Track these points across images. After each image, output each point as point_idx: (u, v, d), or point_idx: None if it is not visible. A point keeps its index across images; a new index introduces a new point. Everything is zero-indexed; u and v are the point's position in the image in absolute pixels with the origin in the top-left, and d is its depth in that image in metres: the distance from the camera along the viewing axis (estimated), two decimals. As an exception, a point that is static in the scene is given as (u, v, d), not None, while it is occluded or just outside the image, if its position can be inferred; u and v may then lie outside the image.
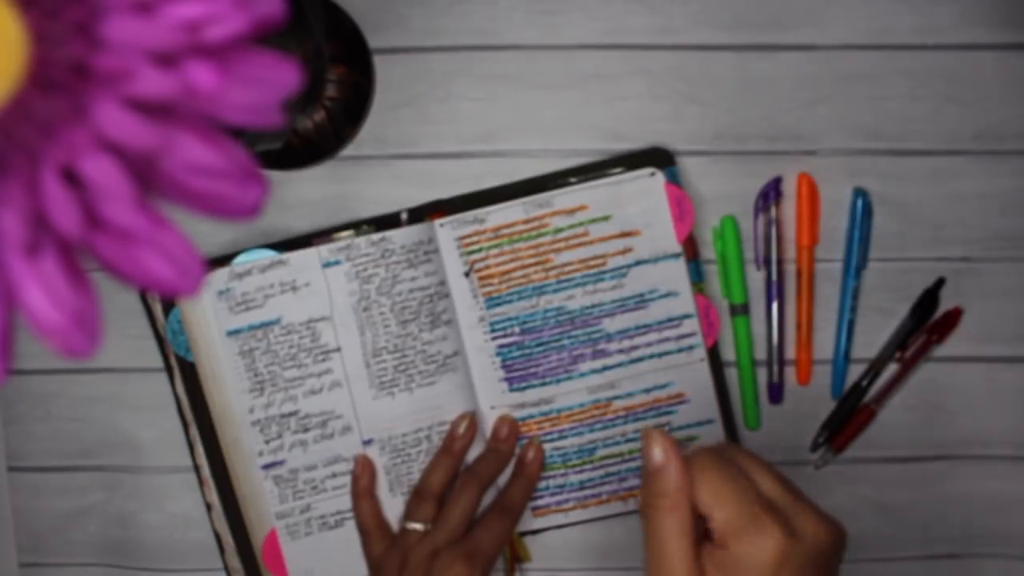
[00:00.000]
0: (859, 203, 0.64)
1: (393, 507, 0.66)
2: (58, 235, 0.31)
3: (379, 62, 0.65)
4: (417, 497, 0.64)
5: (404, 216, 0.65)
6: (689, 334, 0.65)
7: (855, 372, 0.66)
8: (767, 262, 0.65)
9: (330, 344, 0.65)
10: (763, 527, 0.47)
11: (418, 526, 0.62)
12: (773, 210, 0.65)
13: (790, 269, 0.66)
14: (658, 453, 0.48)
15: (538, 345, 0.65)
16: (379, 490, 0.66)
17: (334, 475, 0.65)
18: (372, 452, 0.65)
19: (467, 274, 0.64)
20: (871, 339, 0.66)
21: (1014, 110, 0.64)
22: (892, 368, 0.66)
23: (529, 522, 0.66)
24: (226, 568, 0.66)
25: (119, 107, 0.30)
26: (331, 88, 0.64)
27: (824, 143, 0.65)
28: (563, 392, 0.65)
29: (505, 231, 0.64)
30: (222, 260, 0.64)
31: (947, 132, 0.65)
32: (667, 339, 0.65)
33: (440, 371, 0.65)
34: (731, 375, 0.66)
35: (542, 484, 0.65)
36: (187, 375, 0.65)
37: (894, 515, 0.67)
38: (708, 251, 0.66)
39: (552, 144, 0.65)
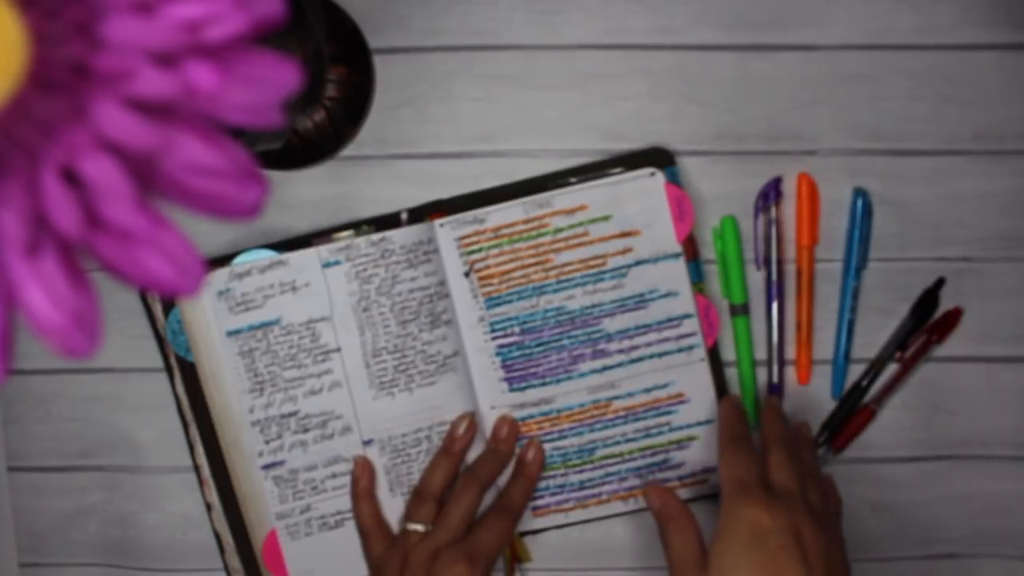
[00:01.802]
0: (859, 203, 0.64)
1: (393, 507, 0.66)
2: (58, 235, 0.31)
3: (379, 62, 0.65)
4: (417, 498, 0.64)
5: (404, 216, 0.65)
6: (689, 334, 0.65)
7: (855, 372, 0.66)
8: (767, 262, 0.65)
9: (330, 344, 0.65)
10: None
11: (419, 527, 0.62)
12: (773, 210, 0.65)
13: (790, 269, 0.66)
14: (654, 500, 0.62)
15: (538, 345, 0.65)
16: (379, 490, 0.66)
17: (334, 475, 0.65)
18: (372, 452, 0.65)
19: (467, 274, 0.64)
20: (871, 339, 0.66)
21: (1014, 110, 0.64)
22: (892, 368, 0.66)
23: (529, 522, 0.66)
24: (226, 568, 0.66)
25: (119, 107, 0.30)
26: (331, 88, 0.64)
27: (824, 143, 0.65)
28: (563, 392, 0.65)
29: (505, 231, 0.64)
30: (222, 260, 0.64)
31: (947, 132, 0.65)
32: (667, 339, 0.65)
33: (440, 371, 0.65)
34: (731, 375, 0.66)
35: (542, 484, 0.65)
36: (187, 375, 0.65)
37: (894, 515, 0.67)
38: (708, 251, 0.66)
39: (552, 144, 0.65)
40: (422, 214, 0.65)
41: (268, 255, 0.64)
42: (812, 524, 0.55)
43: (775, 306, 0.65)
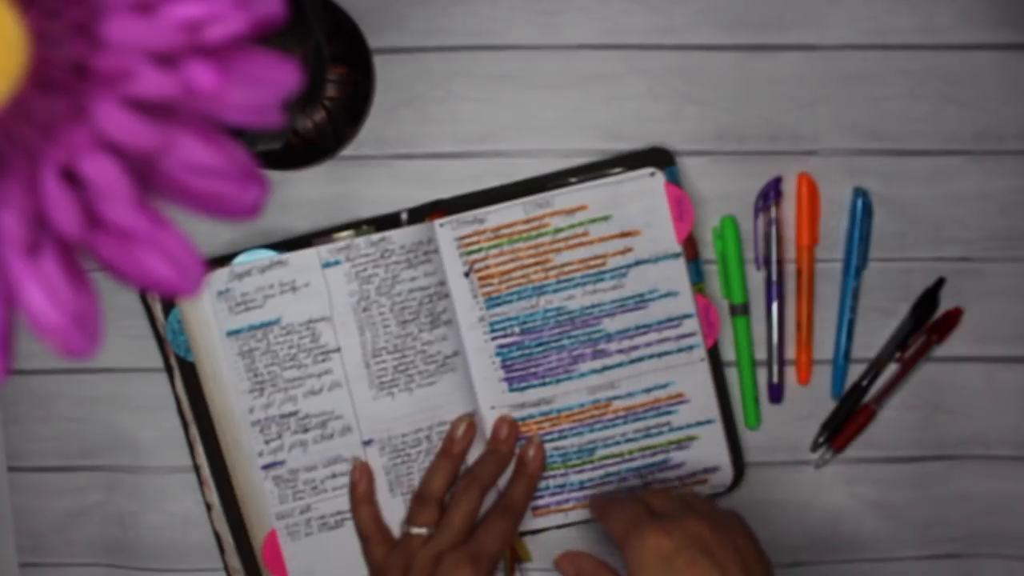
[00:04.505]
0: (859, 203, 0.64)
1: (393, 508, 0.66)
2: (58, 235, 0.31)
3: (379, 62, 0.65)
4: (419, 502, 0.64)
5: (404, 216, 0.65)
6: (689, 334, 0.65)
7: (855, 372, 0.66)
8: (767, 262, 0.65)
9: (330, 344, 0.65)
10: (644, 528, 0.55)
11: (421, 531, 0.62)
12: (773, 210, 0.65)
13: (790, 269, 0.66)
14: (568, 569, 0.61)
15: (538, 345, 0.65)
16: (379, 491, 0.66)
17: (334, 475, 0.65)
18: (372, 452, 0.65)
19: (467, 274, 0.64)
20: (871, 339, 0.66)
21: (1014, 110, 0.64)
22: (892, 368, 0.66)
23: (529, 522, 0.66)
24: (226, 568, 0.66)
25: (119, 107, 0.30)
26: (331, 88, 0.64)
27: (824, 143, 0.65)
28: (563, 392, 0.65)
29: (505, 231, 0.64)
30: (222, 260, 0.64)
31: (947, 132, 0.65)
32: (667, 339, 0.65)
33: (440, 371, 0.65)
34: (731, 375, 0.66)
35: (542, 484, 0.65)
36: (187, 375, 0.65)
37: (894, 515, 0.67)
38: (708, 251, 0.66)
39: (552, 144, 0.65)
40: (422, 214, 0.65)
41: (268, 255, 0.64)
42: (711, 527, 0.55)
43: (775, 306, 0.65)
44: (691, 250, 0.64)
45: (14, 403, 0.68)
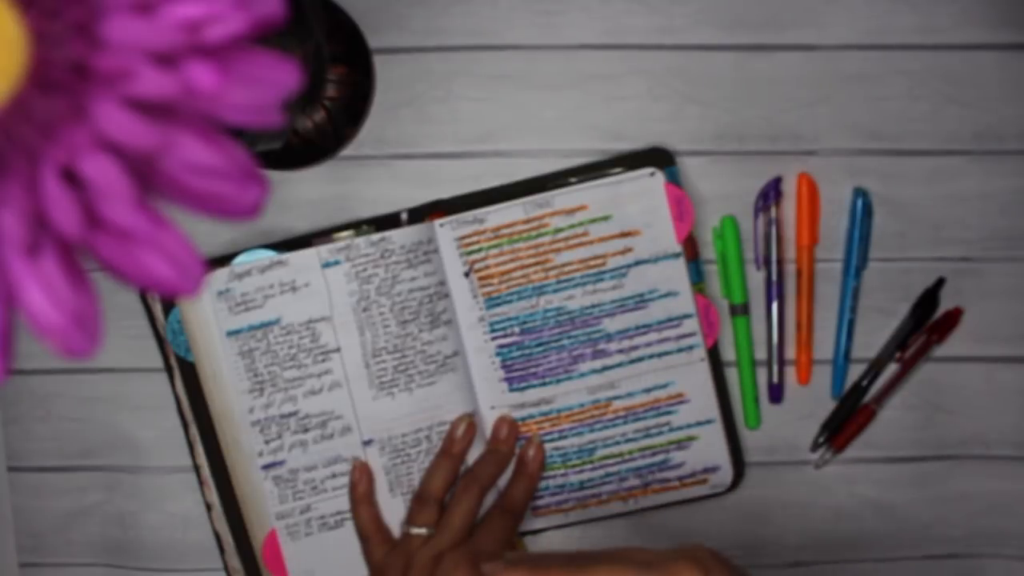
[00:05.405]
0: (859, 203, 0.64)
1: (393, 508, 0.66)
2: (58, 235, 0.31)
3: (379, 62, 0.65)
4: (418, 502, 0.64)
5: (404, 216, 0.65)
6: (689, 334, 0.65)
7: (855, 372, 0.66)
8: (767, 262, 0.65)
9: (330, 344, 0.65)
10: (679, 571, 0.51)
11: (421, 531, 0.62)
12: (773, 210, 0.65)
13: (790, 269, 0.66)
14: None
15: (538, 345, 0.65)
16: (379, 491, 0.66)
17: (334, 475, 0.65)
18: (372, 452, 0.65)
19: (467, 274, 0.64)
20: (871, 339, 0.66)
21: (1014, 110, 0.64)
22: (892, 368, 0.66)
23: (529, 522, 0.66)
24: (226, 568, 0.66)
25: (119, 107, 0.30)
26: (331, 88, 0.64)
27: (824, 143, 0.65)
28: (563, 392, 0.65)
29: (505, 231, 0.64)
30: (222, 260, 0.64)
31: (947, 132, 0.65)
32: (667, 339, 0.65)
33: (440, 371, 0.65)
34: (731, 375, 0.66)
35: (542, 484, 0.65)
36: (187, 375, 0.65)
37: (894, 515, 0.67)
38: (708, 251, 0.66)
39: (552, 144, 0.65)
40: (422, 214, 0.65)
41: (268, 255, 0.64)
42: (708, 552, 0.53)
43: (775, 306, 0.65)
44: (691, 250, 0.64)
45: (14, 403, 0.68)
